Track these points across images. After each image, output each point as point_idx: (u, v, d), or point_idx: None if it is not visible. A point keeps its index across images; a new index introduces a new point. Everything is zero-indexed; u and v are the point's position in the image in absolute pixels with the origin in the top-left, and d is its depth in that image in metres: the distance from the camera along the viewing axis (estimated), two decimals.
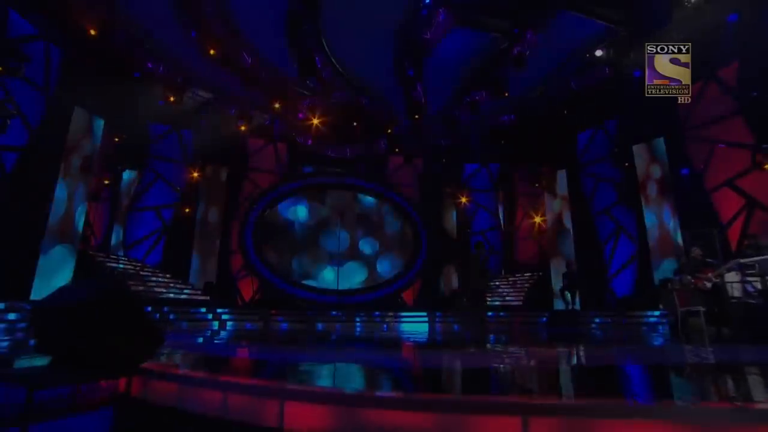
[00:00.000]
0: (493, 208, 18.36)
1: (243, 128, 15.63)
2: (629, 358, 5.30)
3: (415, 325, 14.45)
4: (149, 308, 11.34)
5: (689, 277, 10.60)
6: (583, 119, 15.21)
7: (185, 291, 13.84)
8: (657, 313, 11.41)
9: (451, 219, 18.04)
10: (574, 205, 15.79)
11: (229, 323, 12.58)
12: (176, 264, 14.88)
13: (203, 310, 12.69)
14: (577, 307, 13.83)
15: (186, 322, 11.85)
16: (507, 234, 18.12)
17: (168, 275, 14.13)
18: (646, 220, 13.24)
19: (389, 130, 16.84)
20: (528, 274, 16.74)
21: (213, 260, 15.57)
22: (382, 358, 5.35)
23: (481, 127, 17.21)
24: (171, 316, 11.93)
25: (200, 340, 7.78)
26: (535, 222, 17.73)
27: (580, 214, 15.50)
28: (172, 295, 13.19)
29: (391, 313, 14.94)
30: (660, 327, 11.12)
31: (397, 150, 17.80)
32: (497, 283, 17.00)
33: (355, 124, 16.93)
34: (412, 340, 8.63)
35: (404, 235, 17.71)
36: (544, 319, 13.62)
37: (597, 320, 12.81)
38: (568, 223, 16.02)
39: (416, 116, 15.27)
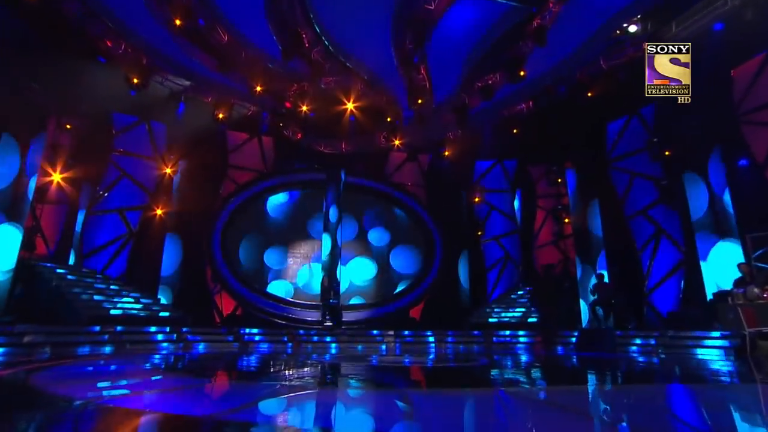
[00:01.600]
0: (509, 211, 17.16)
1: (221, 117, 14.38)
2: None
3: (418, 346, 13.11)
4: (97, 328, 9.93)
5: (756, 290, 9.09)
6: (614, 106, 13.82)
7: (152, 307, 12.49)
8: (715, 333, 9.80)
9: (466, 222, 16.94)
10: (603, 206, 14.38)
11: (195, 345, 11.26)
12: (143, 275, 13.62)
13: (167, 329, 11.45)
14: (611, 325, 12.38)
15: (143, 344, 10.45)
16: (525, 240, 16.85)
17: (130, 288, 12.77)
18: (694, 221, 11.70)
19: (389, 119, 15.39)
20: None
21: (187, 271, 14.32)
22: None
23: (494, 117, 16.00)
24: (128, 337, 10.55)
25: (130, 367, 6.33)
26: (557, 226, 16.48)
27: (611, 216, 14.10)
28: (134, 312, 11.84)
29: (391, 332, 13.73)
30: (720, 351, 9.49)
31: (398, 144, 16.39)
32: (510, 299, 15.64)
33: (349, 113, 15.64)
34: (421, 369, 7.07)
35: (415, 243, 16.62)
36: (573, 339, 12.33)
37: (637, 341, 11.44)
38: (596, 228, 14.54)
39: (419, 101, 13.86)
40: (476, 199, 17.00)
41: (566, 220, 16.06)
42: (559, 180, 16.25)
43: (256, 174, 15.93)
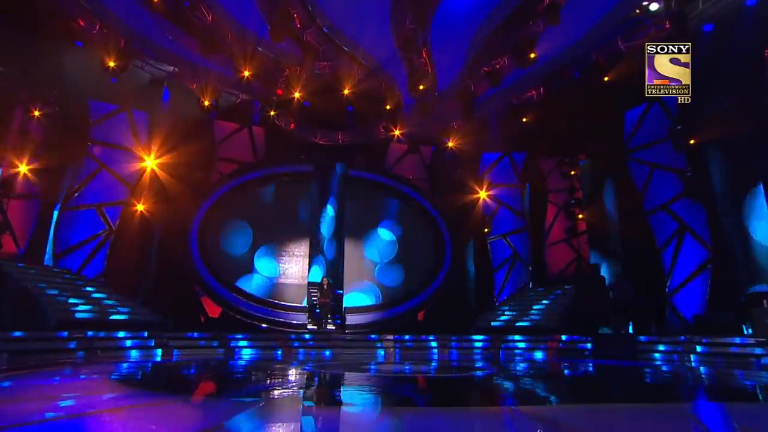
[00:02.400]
0: (517, 207, 16.53)
1: (207, 105, 13.73)
2: None
3: (419, 352, 12.68)
4: (65, 333, 9.30)
5: None
6: (633, 91, 12.60)
7: (130, 310, 11.84)
8: (750, 341, 9.11)
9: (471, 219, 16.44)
10: (620, 200, 13.87)
11: (177, 351, 10.65)
12: (123, 276, 13.04)
13: (145, 334, 10.86)
14: (630, 330, 11.97)
15: (116, 351, 9.87)
16: (535, 238, 16.27)
17: (108, 290, 12.21)
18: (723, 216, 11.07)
19: (388, 107, 14.76)
20: (565, 288, 14.72)
21: (169, 271, 13.72)
22: None
23: (502, 105, 15.33)
24: (101, 344, 9.94)
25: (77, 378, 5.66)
26: (570, 222, 16.06)
27: (628, 211, 13.56)
28: (112, 316, 11.23)
29: (390, 337, 13.15)
30: (755, 360, 8.78)
31: (399, 134, 15.82)
32: (519, 302, 15.15)
33: (346, 101, 14.98)
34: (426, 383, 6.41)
35: (423, 241, 16.17)
36: (588, 345, 11.82)
37: (660, 348, 10.92)
38: (613, 224, 14.11)
39: (421, 87, 13.17)
40: (483, 194, 16.37)
41: (580, 216, 15.55)
42: (572, 173, 15.76)
43: (239, 165, 15.28)
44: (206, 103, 13.82)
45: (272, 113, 14.78)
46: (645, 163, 13.18)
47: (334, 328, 13.77)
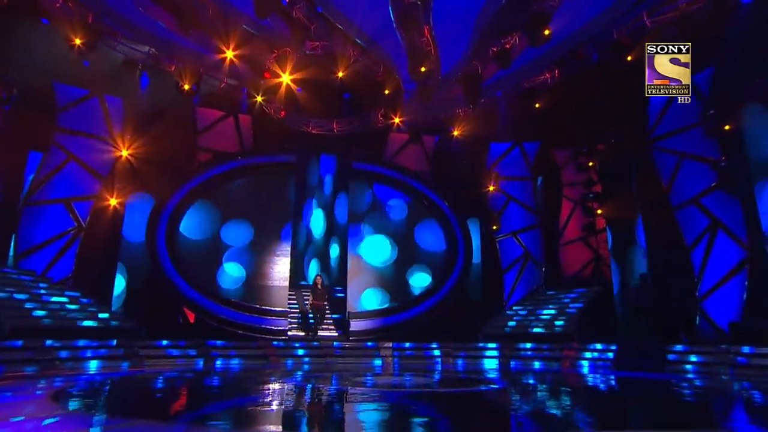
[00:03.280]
0: (529, 202, 16.11)
1: (187, 90, 13.15)
2: None
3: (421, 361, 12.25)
4: (19, 342, 8.55)
5: None
6: None
7: (99, 316, 11.11)
8: None
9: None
10: (644, 194, 13.14)
11: (147, 363, 10.01)
12: (94, 278, 12.41)
13: (114, 342, 10.22)
14: (654, 337, 11.25)
15: (79, 361, 9.17)
16: (549, 236, 15.83)
17: (76, 294, 11.45)
18: (761, 209, 10.30)
19: (387, 92, 14.20)
20: (580, 291, 14.20)
21: (144, 273, 13.04)
22: None
23: (512, 89, 14.76)
24: (62, 354, 9.21)
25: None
26: (587, 219, 15.58)
27: (653, 206, 12.87)
28: (78, 323, 10.45)
29: (389, 345, 12.63)
30: None
31: (399, 122, 15.31)
32: (531, 306, 14.61)
33: (340, 86, 14.49)
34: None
35: (432, 239, 15.74)
36: (610, 355, 11.26)
37: (692, 359, 10.18)
38: (636, 221, 13.36)
39: (423, 69, 12.52)
40: (491, 188, 15.87)
41: (598, 212, 14.84)
42: (590, 164, 15.17)
43: (213, 155, 14.61)
44: (186, 87, 13.23)
45: (259, 99, 14.10)
46: (672, 152, 12.49)
47: (335, 335, 13.19)
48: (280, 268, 14.42)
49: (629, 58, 12.39)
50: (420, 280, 15.35)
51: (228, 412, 5.09)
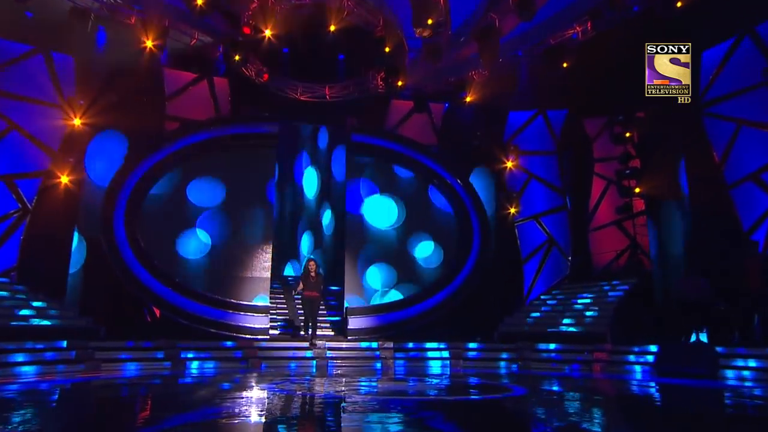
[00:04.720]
0: (554, 180, 15.91)
1: (151, 47, 12.30)
2: None
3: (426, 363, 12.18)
4: None
5: None
6: (713, 24, 11.87)
7: (48, 313, 10.66)
8: None
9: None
10: (693, 169, 12.62)
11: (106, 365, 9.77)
12: (43, 268, 11.56)
13: (64, 344, 9.73)
14: (704, 339, 10.88)
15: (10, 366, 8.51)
16: (577, 220, 15.46)
17: (21, 287, 10.97)
18: None
19: (387, 49, 13.51)
20: (614, 283, 13.84)
21: (103, 264, 12.09)
22: None
23: (535, 47, 14.21)
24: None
25: None
26: (623, 200, 14.93)
27: (704, 184, 12.42)
28: (25, 322, 9.95)
29: (390, 345, 12.48)
30: None
31: (401, 86, 14.59)
32: (555, 301, 14.52)
33: (333, 43, 13.80)
34: None
35: (443, 224, 15.33)
36: (649, 358, 11.00)
37: (750, 364, 9.66)
38: (682, 202, 12.97)
39: (430, 22, 11.97)
40: (509, 165, 15.51)
41: (636, 191, 14.29)
42: (627, 135, 14.45)
43: (181, 125, 13.79)
44: (149, 43, 12.39)
45: (237, 58, 13.16)
46: (728, 119, 11.96)
47: (331, 334, 12.88)
48: (264, 258, 13.85)
49: (679, 4, 11.70)
50: (429, 260, 14.96)
51: (193, 428, 4.46)
